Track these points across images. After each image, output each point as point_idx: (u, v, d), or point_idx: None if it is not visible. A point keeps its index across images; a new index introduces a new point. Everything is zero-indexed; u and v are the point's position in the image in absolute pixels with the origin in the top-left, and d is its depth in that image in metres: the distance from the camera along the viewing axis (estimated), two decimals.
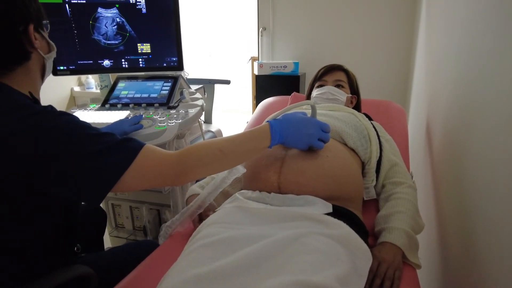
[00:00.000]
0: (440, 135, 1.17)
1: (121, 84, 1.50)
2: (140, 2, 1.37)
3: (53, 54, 0.81)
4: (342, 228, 0.72)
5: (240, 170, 0.89)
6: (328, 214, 0.76)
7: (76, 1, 1.33)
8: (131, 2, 1.37)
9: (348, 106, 1.26)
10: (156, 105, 1.38)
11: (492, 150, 0.68)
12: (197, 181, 1.61)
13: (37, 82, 0.80)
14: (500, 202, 0.63)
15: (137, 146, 0.70)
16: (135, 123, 1.19)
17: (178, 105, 1.40)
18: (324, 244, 0.66)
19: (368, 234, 0.85)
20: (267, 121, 0.82)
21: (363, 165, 1.03)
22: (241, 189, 0.96)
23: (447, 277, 0.97)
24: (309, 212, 0.75)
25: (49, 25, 0.80)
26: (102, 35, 1.39)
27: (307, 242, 0.65)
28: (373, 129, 1.07)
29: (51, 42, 0.80)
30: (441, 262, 1.05)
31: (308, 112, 0.91)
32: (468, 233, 0.80)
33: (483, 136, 0.75)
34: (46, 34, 0.79)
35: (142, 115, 1.26)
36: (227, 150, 0.76)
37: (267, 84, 2.48)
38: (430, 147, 1.34)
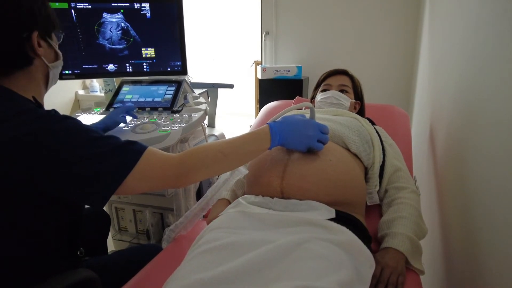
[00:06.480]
0: (443, 139, 1.17)
1: (125, 88, 1.51)
2: (144, 7, 1.38)
3: (59, 64, 0.81)
4: (345, 233, 0.72)
5: (242, 171, 0.90)
6: (331, 219, 0.76)
7: (82, 6, 1.35)
8: (135, 7, 1.38)
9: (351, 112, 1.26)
10: (160, 109, 1.39)
11: (495, 154, 0.68)
12: (199, 183, 1.62)
13: (41, 89, 0.80)
14: (505, 206, 0.63)
15: (139, 149, 0.71)
16: (127, 110, 1.25)
17: (182, 109, 1.41)
18: (326, 250, 0.65)
19: (371, 239, 0.84)
20: (267, 123, 0.83)
21: (366, 170, 1.03)
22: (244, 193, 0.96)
23: (450, 283, 0.96)
24: (312, 218, 0.75)
25: (62, 36, 0.81)
26: (107, 39, 1.41)
27: (310, 248, 0.65)
28: (376, 134, 1.07)
29: (59, 52, 0.80)
30: (444, 267, 1.04)
31: (308, 115, 0.91)
32: (472, 238, 0.80)
33: (486, 140, 0.74)
34: (55, 44, 0.79)
35: (132, 105, 1.30)
36: (228, 152, 0.77)
37: (270, 88, 2.48)
38: (433, 151, 1.33)
